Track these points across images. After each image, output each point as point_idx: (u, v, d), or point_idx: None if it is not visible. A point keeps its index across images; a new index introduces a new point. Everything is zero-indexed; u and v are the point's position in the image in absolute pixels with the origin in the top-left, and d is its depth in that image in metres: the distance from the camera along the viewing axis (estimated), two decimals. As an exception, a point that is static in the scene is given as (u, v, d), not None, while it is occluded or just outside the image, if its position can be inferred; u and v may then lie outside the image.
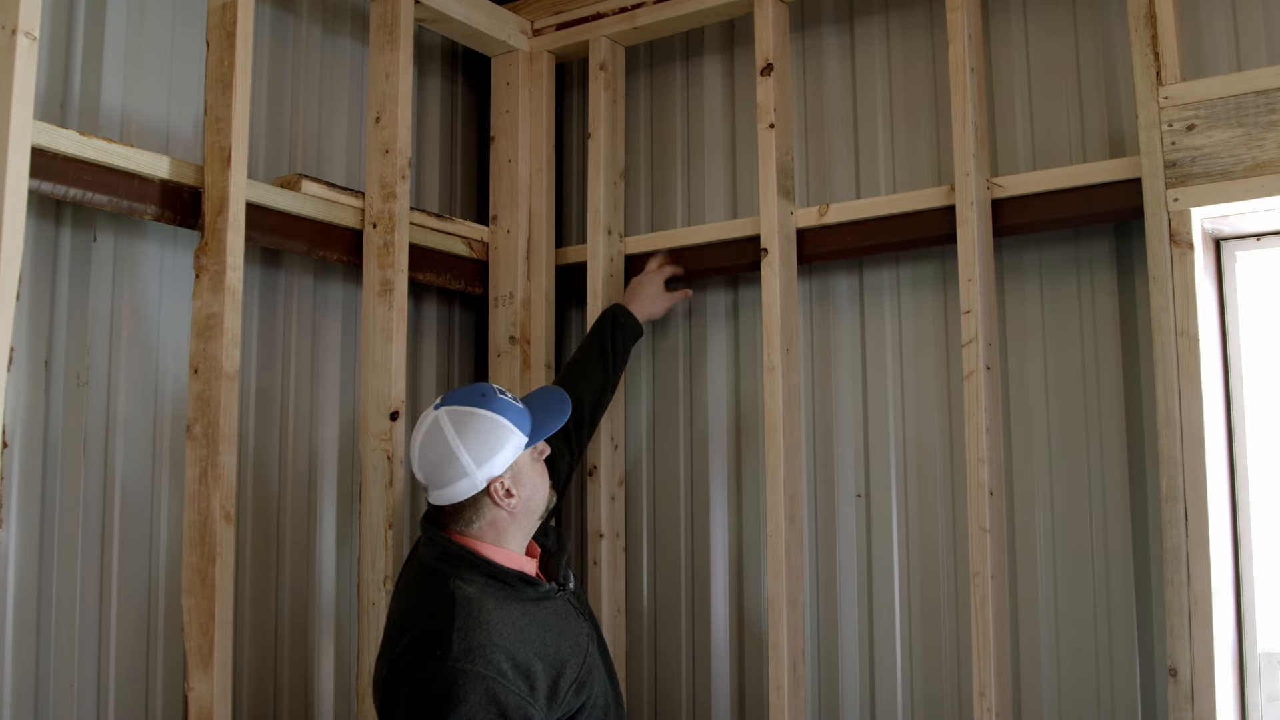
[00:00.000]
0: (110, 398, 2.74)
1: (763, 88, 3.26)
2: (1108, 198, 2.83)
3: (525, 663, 2.24)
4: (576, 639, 2.43)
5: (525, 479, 2.47)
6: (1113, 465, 2.91)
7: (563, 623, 2.44)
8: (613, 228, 3.56)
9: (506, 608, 2.33)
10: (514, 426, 2.45)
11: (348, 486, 3.27)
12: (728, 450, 3.51)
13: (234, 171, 2.75)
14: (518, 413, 2.47)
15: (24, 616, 2.52)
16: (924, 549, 3.15)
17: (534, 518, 2.51)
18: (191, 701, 2.59)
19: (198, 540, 2.64)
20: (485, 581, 2.36)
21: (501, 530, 2.46)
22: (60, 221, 2.67)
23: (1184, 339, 2.61)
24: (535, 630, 2.34)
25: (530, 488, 2.48)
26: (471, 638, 2.22)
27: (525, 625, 2.32)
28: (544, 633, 2.35)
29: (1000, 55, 3.16)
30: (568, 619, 2.46)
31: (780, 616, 3.06)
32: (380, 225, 3.17)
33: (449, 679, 2.17)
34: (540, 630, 2.35)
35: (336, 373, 3.29)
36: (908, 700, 3.13)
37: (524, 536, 2.51)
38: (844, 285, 3.36)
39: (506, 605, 2.34)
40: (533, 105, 3.68)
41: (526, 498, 2.47)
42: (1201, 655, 2.53)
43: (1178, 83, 2.69)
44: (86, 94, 2.75)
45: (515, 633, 2.28)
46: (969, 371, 2.89)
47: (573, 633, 2.44)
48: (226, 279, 2.70)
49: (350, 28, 3.46)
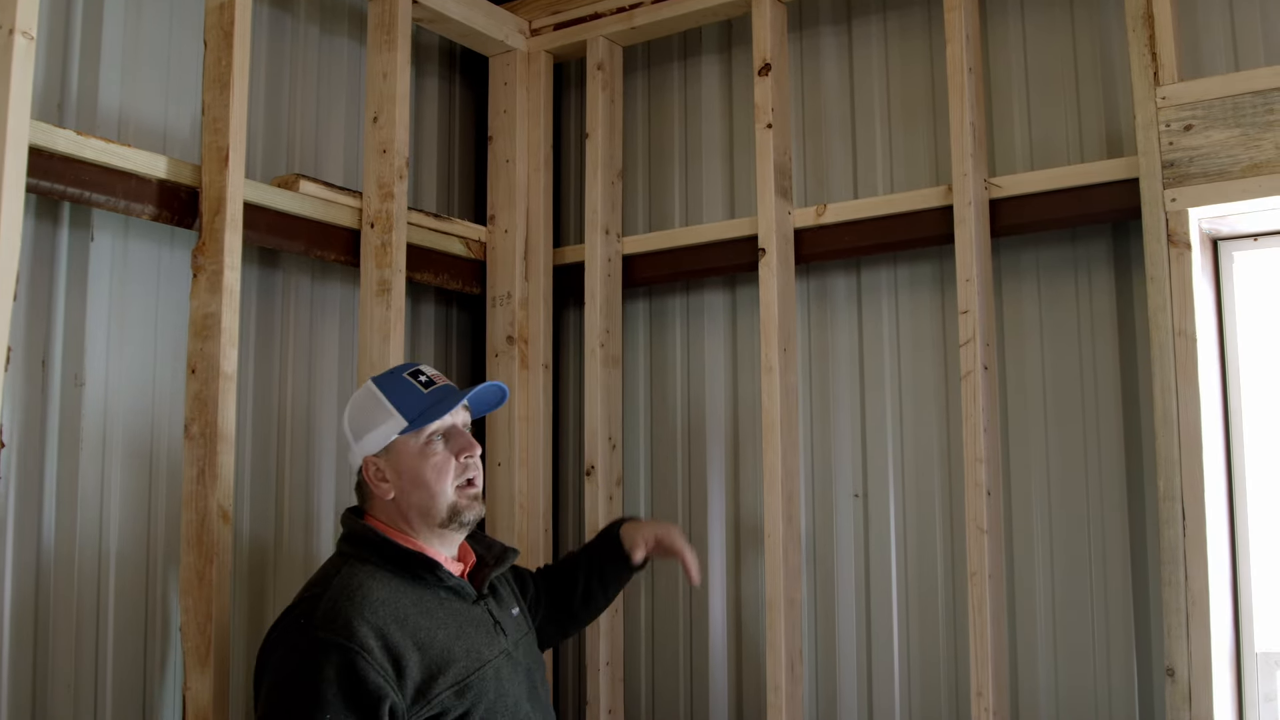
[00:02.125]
0: (108, 397, 2.73)
1: (760, 88, 3.26)
2: (1105, 198, 2.84)
3: (397, 646, 2.13)
4: (478, 646, 2.29)
5: (405, 468, 2.34)
6: (1110, 465, 2.91)
7: (467, 626, 2.31)
8: (610, 228, 3.56)
9: (398, 591, 2.24)
10: (394, 409, 2.35)
11: (345, 486, 3.27)
12: (725, 450, 3.51)
13: (231, 171, 2.75)
14: (414, 397, 2.36)
15: (22, 617, 2.52)
16: (921, 549, 3.15)
17: (429, 514, 2.35)
18: (189, 701, 2.58)
19: (195, 540, 2.64)
20: (382, 563, 2.29)
21: (395, 517, 2.37)
22: (58, 221, 2.67)
23: (1181, 339, 2.61)
24: (425, 620, 2.23)
25: (411, 479, 2.34)
26: (339, 608, 2.15)
27: (414, 612, 2.22)
28: (435, 625, 2.24)
29: (998, 56, 3.16)
30: (476, 626, 2.34)
31: (778, 616, 3.06)
32: (378, 225, 3.17)
33: (309, 646, 2.11)
34: (431, 621, 2.24)
35: (334, 372, 3.29)
36: (905, 700, 3.13)
37: (429, 535, 2.37)
38: (842, 285, 3.36)
39: (399, 589, 2.25)
40: (530, 105, 3.67)
41: (405, 489, 2.35)
42: (1199, 655, 2.53)
43: (1175, 83, 2.69)
44: (84, 93, 2.75)
45: (394, 614, 2.18)
46: (966, 371, 2.89)
47: (475, 639, 2.30)
48: (224, 279, 2.70)
49: (348, 27, 3.46)
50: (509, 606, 2.52)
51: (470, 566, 2.48)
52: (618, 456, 3.52)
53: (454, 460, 2.36)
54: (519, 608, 2.57)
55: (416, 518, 2.35)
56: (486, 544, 2.56)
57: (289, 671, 2.11)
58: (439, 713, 2.15)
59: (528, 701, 2.36)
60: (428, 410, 2.35)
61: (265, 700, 2.14)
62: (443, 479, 2.34)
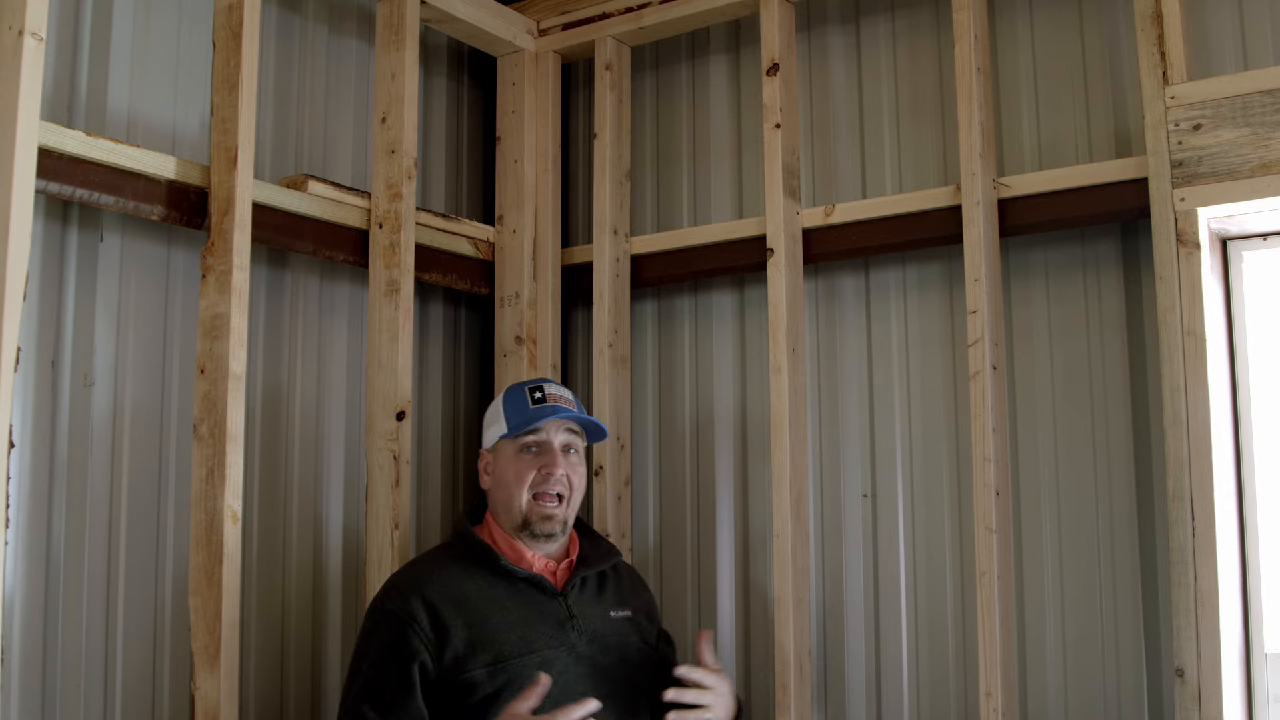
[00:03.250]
0: (117, 398, 2.74)
1: (768, 87, 3.26)
2: (1114, 198, 2.83)
3: (445, 620, 2.44)
4: (533, 635, 2.49)
5: (500, 466, 2.69)
6: (1119, 465, 2.90)
7: (532, 616, 2.53)
8: (618, 228, 3.56)
9: (465, 575, 2.55)
10: (503, 415, 2.69)
11: (354, 486, 3.27)
12: (733, 450, 3.50)
13: (240, 172, 2.75)
14: (521, 408, 2.67)
15: (31, 617, 2.52)
16: (930, 549, 3.15)
17: (510, 514, 2.63)
18: (198, 701, 2.59)
19: (204, 540, 2.64)
20: (459, 545, 2.65)
21: (494, 507, 2.71)
22: (67, 222, 2.67)
23: (1191, 339, 2.61)
24: (483, 603, 2.49)
25: (500, 477, 2.67)
26: (403, 583, 2.54)
27: (474, 595, 2.50)
28: (493, 610, 2.49)
29: (1006, 55, 3.16)
30: (544, 618, 2.54)
31: (786, 616, 3.06)
32: (386, 225, 3.17)
33: (373, 613, 2.53)
34: (489, 606, 2.49)
35: (343, 373, 3.30)
36: (913, 700, 3.12)
37: (510, 526, 2.64)
38: (850, 285, 3.35)
39: (468, 573, 2.55)
40: (538, 105, 3.68)
41: (497, 484, 2.68)
42: (1208, 655, 2.53)
43: (1184, 82, 2.69)
44: (93, 94, 2.76)
45: (452, 594, 2.49)
46: (975, 371, 2.88)
47: (535, 629, 2.50)
48: (233, 279, 2.70)
49: (356, 28, 3.46)
50: (609, 607, 2.67)
51: (569, 563, 2.69)
52: (626, 457, 3.52)
53: (535, 471, 2.62)
54: (630, 612, 2.70)
55: (502, 513, 2.67)
56: (596, 543, 2.82)
57: (361, 634, 2.53)
58: (469, 685, 2.39)
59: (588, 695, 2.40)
60: (524, 422, 2.64)
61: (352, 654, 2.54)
62: (521, 485, 2.62)
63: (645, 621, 2.74)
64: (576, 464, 2.70)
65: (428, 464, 3.54)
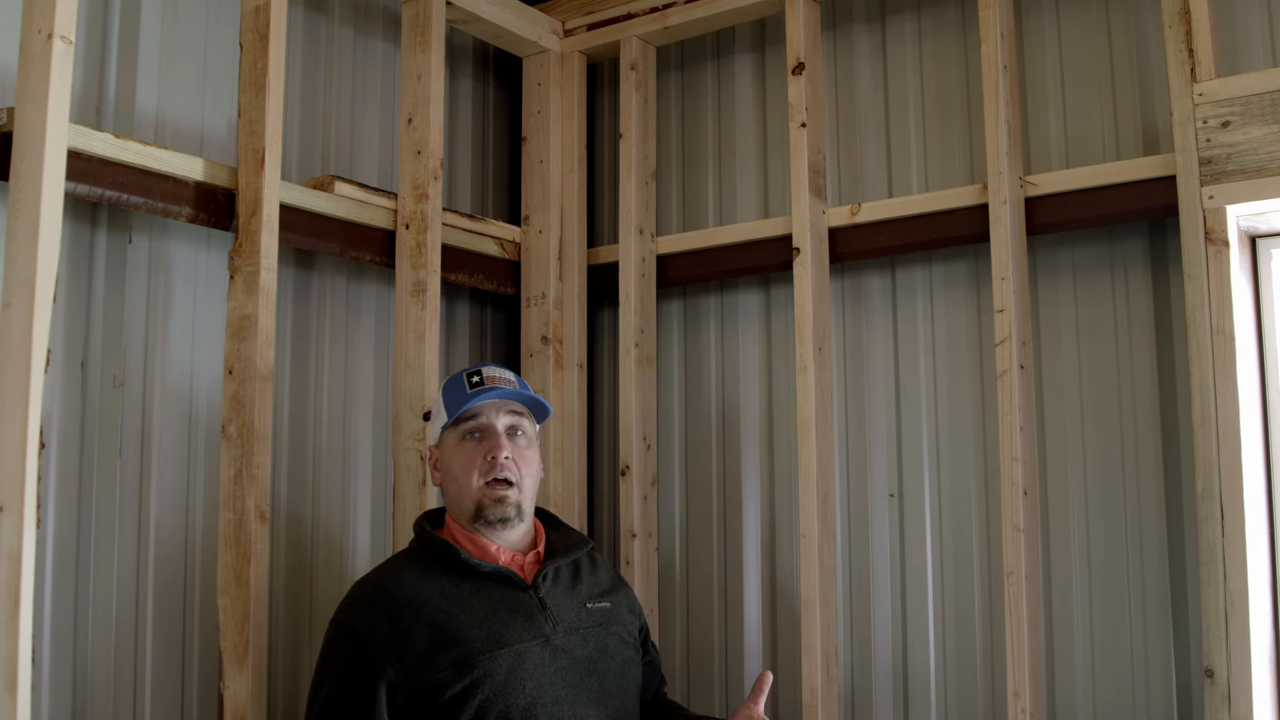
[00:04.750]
0: (146, 398, 2.76)
1: (794, 87, 3.25)
2: (1142, 195, 2.82)
3: (405, 624, 2.29)
4: (502, 630, 2.34)
5: (446, 459, 2.55)
6: (1147, 464, 2.89)
7: (501, 610, 2.38)
8: (644, 228, 3.57)
9: (426, 578, 2.40)
10: (443, 405, 2.55)
11: (381, 486, 3.28)
12: (760, 450, 3.50)
13: (267, 173, 2.76)
14: (458, 395, 2.52)
15: (61, 616, 2.54)
16: (957, 549, 3.14)
17: (462, 507, 2.49)
18: (227, 700, 2.61)
19: (233, 540, 2.66)
20: (418, 547, 2.50)
21: (449, 506, 2.56)
22: (96, 224, 2.69)
23: (1219, 337, 2.59)
24: (446, 603, 2.35)
25: (448, 470, 2.53)
26: (361, 594, 2.41)
27: (436, 596, 2.36)
28: (457, 608, 2.35)
29: (1033, 53, 3.14)
30: (514, 611, 2.39)
31: (814, 616, 3.06)
32: (413, 226, 3.18)
33: (332, 628, 2.38)
34: (454, 605, 2.35)
35: (370, 373, 3.31)
36: (941, 701, 3.12)
37: (465, 518, 2.49)
38: (876, 284, 3.35)
39: (429, 575, 2.41)
40: (564, 106, 3.68)
41: (446, 478, 2.54)
42: (1238, 655, 2.51)
43: (1212, 79, 2.67)
44: (122, 97, 2.78)
45: (409, 596, 2.35)
46: (1002, 371, 2.87)
47: (505, 623, 2.36)
48: (261, 280, 2.72)
49: (382, 29, 3.47)
50: (585, 598, 2.53)
51: (537, 555, 2.55)
52: (652, 456, 3.52)
53: (481, 459, 2.48)
54: (608, 603, 2.56)
55: (456, 507, 2.52)
56: (564, 534, 2.66)
57: (321, 649, 2.39)
58: (435, 687, 2.25)
59: (569, 689, 2.36)
60: (459, 407, 2.50)
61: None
62: (468, 473, 2.48)
63: (627, 614, 2.61)
64: (524, 446, 2.54)
65: (454, 464, 3.55)
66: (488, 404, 2.51)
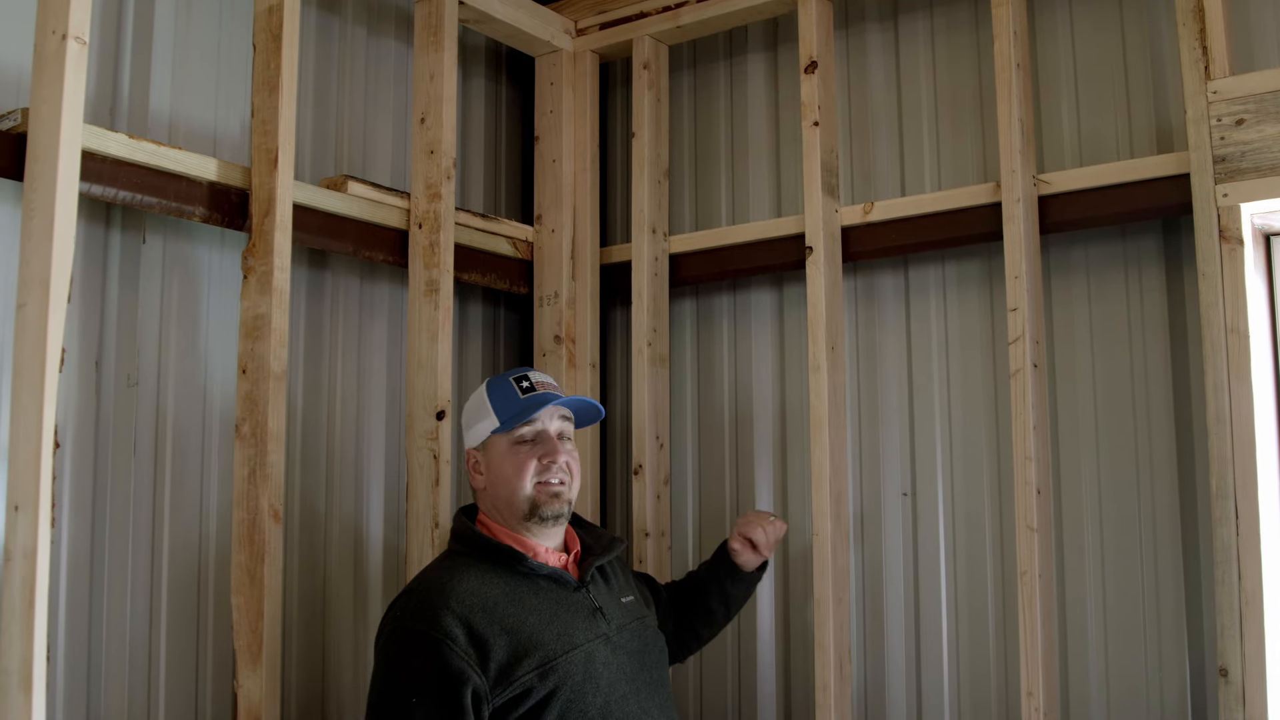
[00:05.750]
0: (160, 398, 2.77)
1: (807, 85, 3.25)
2: (1155, 194, 2.81)
3: (482, 633, 2.29)
4: (570, 630, 2.41)
5: (494, 463, 2.55)
6: (1161, 463, 2.88)
7: (563, 611, 2.44)
8: (657, 227, 3.57)
9: (489, 581, 2.40)
10: (492, 409, 2.56)
11: (394, 486, 3.29)
12: (773, 449, 3.50)
13: (280, 173, 2.77)
14: (511, 401, 2.56)
15: (76, 614, 2.55)
16: (970, 548, 3.13)
17: (512, 508, 2.52)
18: (240, 699, 2.61)
19: (246, 539, 2.66)
20: (477, 556, 2.47)
21: (490, 509, 2.58)
22: (110, 224, 2.70)
23: (1234, 336, 2.58)
24: (514, 607, 2.37)
25: (497, 474, 2.54)
26: (428, 600, 2.34)
27: (503, 600, 2.37)
28: (526, 611, 2.38)
29: (1046, 51, 3.14)
30: (574, 612, 2.46)
31: (826, 615, 3.05)
32: (426, 226, 3.19)
33: (399, 636, 2.32)
34: (521, 608, 2.38)
35: (383, 373, 3.31)
36: (954, 700, 3.11)
37: (520, 526, 2.53)
38: (889, 283, 3.34)
39: (490, 579, 2.41)
40: (576, 105, 3.68)
41: (494, 482, 2.55)
42: (1253, 655, 2.50)
43: (1226, 77, 2.66)
44: (135, 97, 2.78)
45: (481, 603, 2.34)
46: (1015, 369, 2.87)
47: (569, 624, 2.42)
48: (274, 280, 2.72)
49: (395, 29, 3.48)
50: (619, 594, 2.62)
51: (576, 555, 2.62)
52: (665, 455, 3.52)
53: (535, 461, 2.53)
54: (634, 595, 2.68)
55: (504, 509, 2.54)
56: (595, 534, 2.73)
57: (384, 661, 2.33)
58: (522, 693, 2.28)
59: (630, 683, 2.46)
60: (518, 414, 2.53)
61: (371, 687, 2.34)
62: (521, 477, 2.51)
63: (645, 605, 2.71)
64: (573, 450, 2.61)
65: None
66: (544, 411, 2.56)
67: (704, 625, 2.95)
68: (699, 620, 2.93)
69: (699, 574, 2.97)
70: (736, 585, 2.93)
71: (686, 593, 2.96)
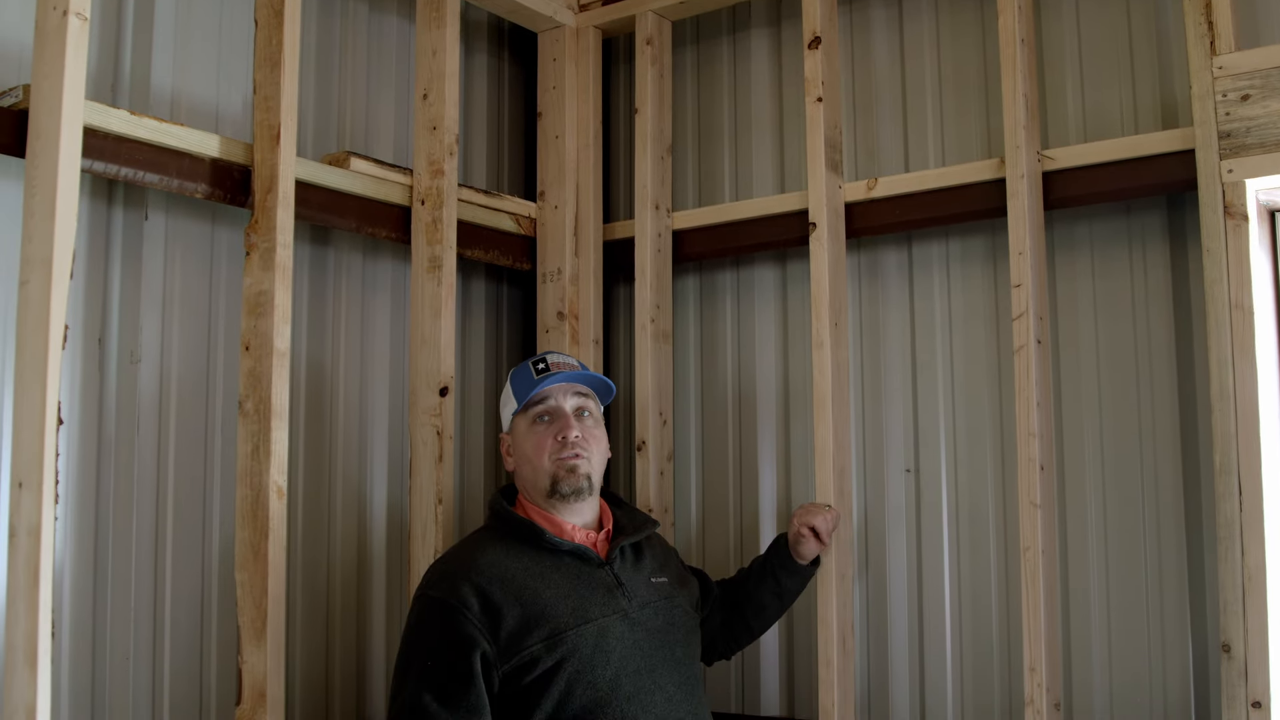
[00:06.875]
0: (163, 375, 2.77)
1: (810, 61, 3.24)
2: (1160, 170, 2.80)
3: (497, 602, 2.41)
4: (586, 605, 2.49)
5: (518, 443, 2.70)
6: (1165, 440, 2.88)
7: (582, 586, 2.53)
8: (660, 203, 3.56)
9: (511, 555, 2.53)
10: (513, 393, 2.73)
11: (398, 462, 3.29)
12: (776, 425, 3.50)
13: (283, 149, 2.76)
14: (526, 382, 2.69)
15: (80, 591, 2.56)
16: (974, 524, 3.14)
17: (537, 486, 2.64)
18: (245, 674, 2.62)
19: (250, 515, 2.67)
20: (503, 530, 2.61)
21: (523, 486, 2.70)
22: (112, 201, 2.70)
23: (1238, 312, 2.58)
24: (531, 580, 2.48)
25: (521, 454, 2.69)
26: (449, 570, 2.50)
27: (521, 573, 2.49)
28: (543, 585, 2.48)
29: (1050, 26, 3.13)
30: (594, 587, 2.54)
31: (829, 591, 3.06)
32: (428, 202, 3.18)
33: (422, 604, 2.48)
34: (539, 581, 2.49)
35: (386, 349, 3.31)
36: (957, 676, 3.12)
37: (548, 504, 2.63)
38: (893, 259, 3.34)
39: (513, 553, 2.54)
40: (579, 81, 3.67)
41: (520, 461, 2.70)
42: (1255, 631, 2.51)
43: (1232, 52, 2.65)
44: (137, 74, 2.78)
45: (500, 575, 2.46)
46: (1019, 346, 2.87)
47: (587, 598, 2.51)
48: (277, 256, 2.72)
49: (397, 5, 3.47)
50: (649, 573, 2.69)
51: (607, 534, 2.71)
52: (668, 432, 3.52)
53: (552, 439, 2.63)
54: (669, 578, 2.74)
55: (531, 488, 2.67)
56: (631, 514, 2.83)
57: (408, 625, 2.50)
58: (529, 661, 2.38)
59: (646, 659, 2.52)
60: (529, 393, 2.66)
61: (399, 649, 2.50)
62: (540, 454, 2.63)
63: (679, 586, 2.76)
64: (592, 425, 2.70)
65: (471, 439, 3.56)
66: (555, 387, 2.67)
67: (755, 618, 2.99)
68: (750, 612, 2.98)
69: (752, 568, 3.02)
70: (792, 579, 2.98)
71: (739, 586, 3.02)
